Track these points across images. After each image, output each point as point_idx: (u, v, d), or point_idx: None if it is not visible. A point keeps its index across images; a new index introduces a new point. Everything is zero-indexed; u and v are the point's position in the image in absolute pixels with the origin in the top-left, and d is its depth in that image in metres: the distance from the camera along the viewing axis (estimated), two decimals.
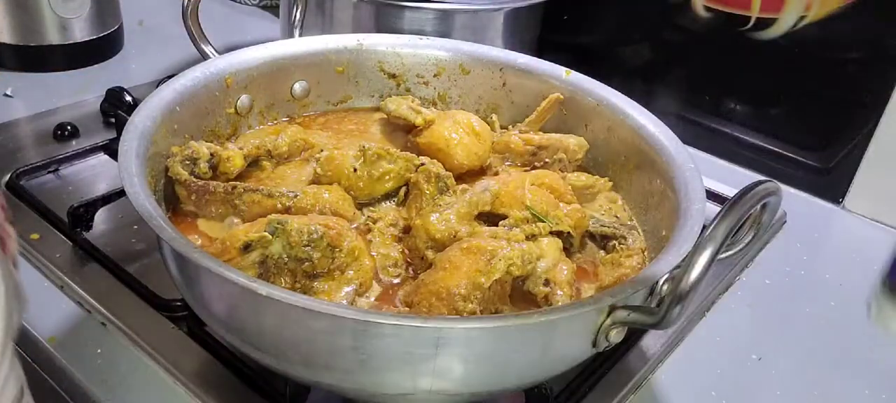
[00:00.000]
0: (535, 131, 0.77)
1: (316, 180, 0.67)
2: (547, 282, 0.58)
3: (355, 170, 0.66)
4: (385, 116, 0.79)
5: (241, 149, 0.68)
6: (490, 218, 0.63)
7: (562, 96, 0.78)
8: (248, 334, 0.51)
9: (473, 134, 0.73)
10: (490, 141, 0.75)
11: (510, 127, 0.81)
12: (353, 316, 0.45)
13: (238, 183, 0.64)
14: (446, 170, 0.67)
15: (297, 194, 0.63)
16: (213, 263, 0.47)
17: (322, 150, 0.69)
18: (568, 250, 0.63)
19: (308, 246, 0.56)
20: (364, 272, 0.58)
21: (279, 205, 0.62)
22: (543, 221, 0.62)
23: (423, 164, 0.66)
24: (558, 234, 0.63)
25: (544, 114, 0.78)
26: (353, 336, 0.46)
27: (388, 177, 0.66)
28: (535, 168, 0.74)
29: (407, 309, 0.56)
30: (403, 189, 0.68)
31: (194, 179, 0.63)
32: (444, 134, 0.72)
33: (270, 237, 0.55)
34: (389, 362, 0.47)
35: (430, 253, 0.60)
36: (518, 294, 0.58)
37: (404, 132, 0.77)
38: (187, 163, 0.64)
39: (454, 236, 0.60)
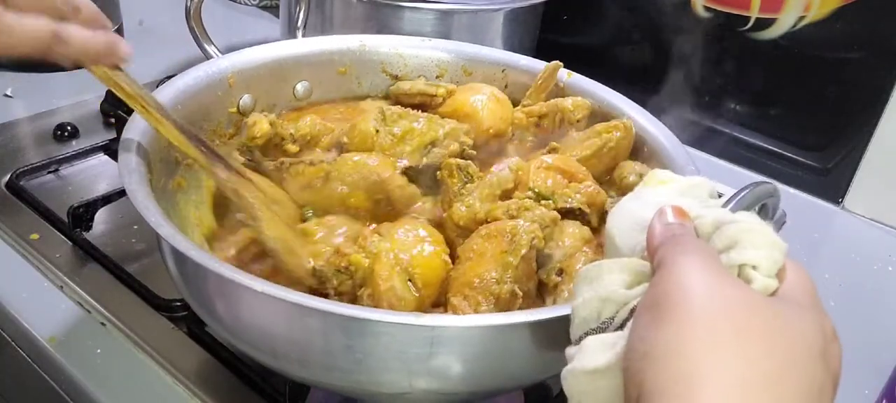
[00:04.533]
0: (537, 103, 0.77)
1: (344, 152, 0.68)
2: (560, 272, 0.58)
3: (378, 131, 0.66)
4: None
5: (266, 115, 0.68)
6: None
7: (560, 63, 0.77)
8: (246, 332, 0.51)
9: (496, 100, 0.74)
10: (511, 109, 0.76)
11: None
12: (347, 314, 0.45)
13: (285, 158, 0.65)
14: (473, 137, 0.68)
15: (336, 159, 0.64)
16: (211, 261, 0.47)
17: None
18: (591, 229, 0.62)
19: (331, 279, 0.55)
20: (375, 282, 0.55)
21: (321, 174, 0.63)
22: (547, 199, 0.61)
23: (448, 130, 0.67)
24: (570, 213, 0.62)
25: (546, 84, 0.78)
26: (348, 335, 0.46)
27: (411, 136, 0.66)
28: (549, 147, 0.73)
29: (439, 309, 0.55)
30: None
31: (248, 163, 0.65)
32: (469, 99, 0.73)
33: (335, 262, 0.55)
34: (385, 361, 0.47)
35: (460, 240, 0.59)
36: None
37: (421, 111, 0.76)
38: (243, 150, 0.67)
39: (474, 218, 0.59)
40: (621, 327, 0.38)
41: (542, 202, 0.60)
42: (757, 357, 0.31)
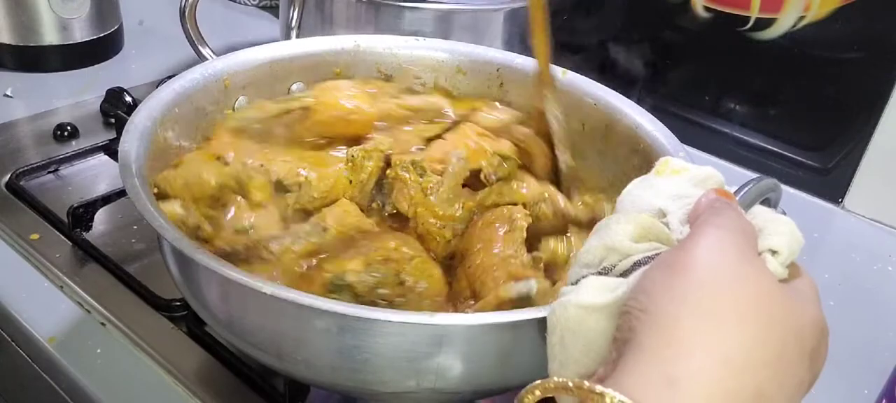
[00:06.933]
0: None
1: (304, 206, 0.65)
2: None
3: (351, 181, 0.66)
4: None
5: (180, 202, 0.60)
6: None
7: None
8: (250, 333, 0.51)
9: (366, 86, 0.75)
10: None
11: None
12: (358, 314, 0.45)
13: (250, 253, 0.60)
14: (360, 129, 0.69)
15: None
16: (216, 263, 0.47)
17: (302, 174, 0.65)
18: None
19: (376, 288, 0.55)
20: (436, 280, 0.58)
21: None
22: (512, 158, 0.67)
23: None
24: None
25: None
26: (357, 335, 0.46)
27: (369, 174, 0.67)
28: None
29: (472, 300, 0.56)
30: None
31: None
32: (340, 99, 0.71)
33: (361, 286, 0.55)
34: (392, 360, 0.47)
35: (447, 232, 0.62)
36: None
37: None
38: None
39: (462, 206, 0.63)
40: (622, 276, 0.38)
41: (507, 162, 0.66)
42: (749, 342, 0.31)
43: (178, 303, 0.67)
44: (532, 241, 0.61)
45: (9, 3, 1.04)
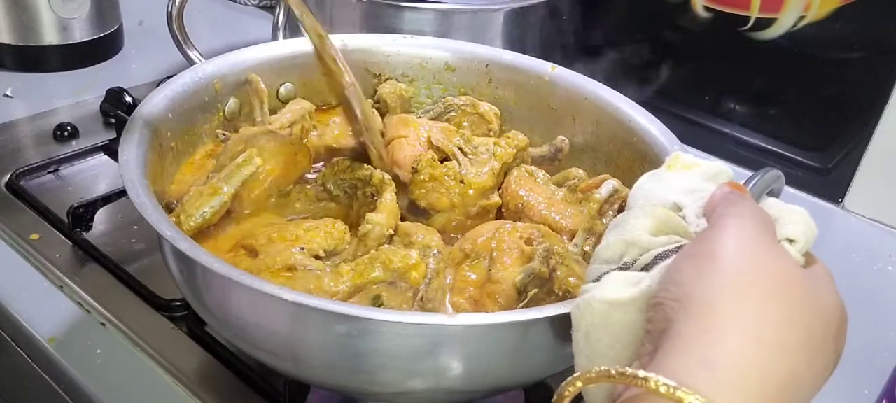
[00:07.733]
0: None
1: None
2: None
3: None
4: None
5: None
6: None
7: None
8: (250, 333, 0.51)
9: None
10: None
11: None
12: (358, 314, 0.45)
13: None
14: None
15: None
16: (221, 265, 0.46)
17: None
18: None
19: (549, 258, 0.55)
20: (554, 234, 0.61)
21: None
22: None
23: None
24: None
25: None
26: (358, 335, 0.46)
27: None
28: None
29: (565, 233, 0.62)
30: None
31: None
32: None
33: (545, 269, 0.55)
34: (393, 360, 0.47)
35: (497, 197, 0.67)
36: None
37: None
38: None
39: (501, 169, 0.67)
40: (644, 270, 0.39)
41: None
42: (781, 324, 0.33)
43: (178, 303, 0.67)
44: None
45: (9, 3, 1.05)
